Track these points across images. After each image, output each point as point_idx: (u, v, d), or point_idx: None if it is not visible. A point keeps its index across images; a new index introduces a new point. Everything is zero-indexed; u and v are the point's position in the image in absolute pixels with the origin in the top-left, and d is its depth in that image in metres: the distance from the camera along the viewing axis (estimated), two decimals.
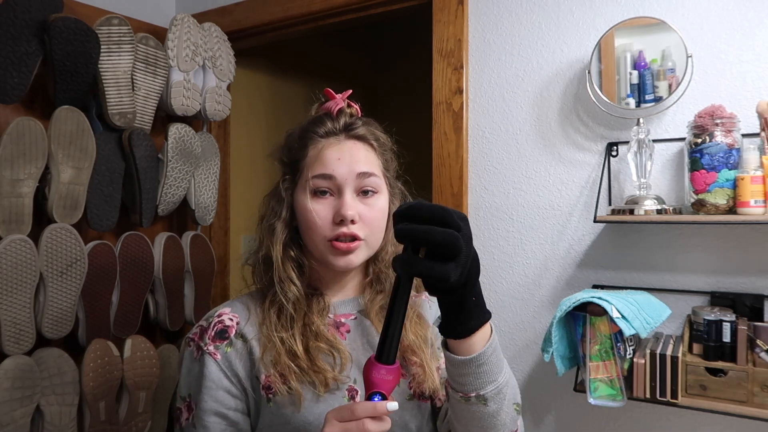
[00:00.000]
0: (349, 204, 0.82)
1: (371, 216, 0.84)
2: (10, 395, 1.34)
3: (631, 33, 1.26)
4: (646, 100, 1.24)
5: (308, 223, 0.84)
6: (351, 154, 0.85)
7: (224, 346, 0.84)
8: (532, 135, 1.42)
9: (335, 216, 0.82)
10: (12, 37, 1.35)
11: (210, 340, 0.84)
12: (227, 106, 1.84)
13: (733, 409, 1.07)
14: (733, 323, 1.10)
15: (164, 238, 1.71)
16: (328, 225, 0.83)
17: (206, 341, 0.84)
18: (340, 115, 0.89)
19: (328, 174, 0.83)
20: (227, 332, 0.85)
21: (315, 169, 0.84)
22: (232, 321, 0.86)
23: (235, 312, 0.88)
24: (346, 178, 0.83)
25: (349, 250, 0.83)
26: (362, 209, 0.84)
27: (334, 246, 0.83)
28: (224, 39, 1.83)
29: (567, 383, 1.32)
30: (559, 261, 1.38)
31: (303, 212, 0.85)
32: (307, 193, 0.84)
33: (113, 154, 1.57)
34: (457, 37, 1.50)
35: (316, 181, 0.84)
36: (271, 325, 0.85)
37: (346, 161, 0.84)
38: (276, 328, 0.84)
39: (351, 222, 0.82)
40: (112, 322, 1.58)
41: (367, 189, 0.85)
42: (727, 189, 1.11)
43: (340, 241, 0.82)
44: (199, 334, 0.85)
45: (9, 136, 1.34)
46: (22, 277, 1.36)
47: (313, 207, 0.83)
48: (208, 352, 0.83)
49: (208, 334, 0.84)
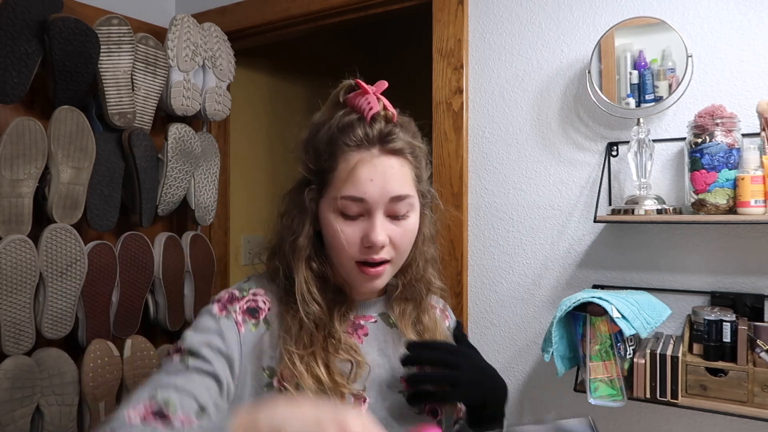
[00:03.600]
0: (378, 230, 0.76)
1: (401, 239, 0.80)
2: (10, 395, 1.33)
3: (631, 33, 1.26)
4: (646, 99, 1.23)
5: (335, 242, 0.79)
6: (384, 175, 0.77)
7: (251, 324, 0.79)
8: (532, 135, 1.42)
9: (364, 239, 0.77)
10: (12, 37, 1.35)
11: (240, 312, 0.79)
12: (227, 106, 1.84)
13: (734, 409, 1.07)
14: (733, 323, 1.10)
15: (164, 238, 1.71)
16: (356, 247, 0.78)
17: (236, 309, 0.79)
18: (375, 122, 0.78)
19: (358, 197, 0.76)
20: (258, 313, 0.81)
21: (345, 189, 0.77)
22: (265, 305, 0.82)
23: (268, 297, 0.83)
24: (377, 201, 0.76)
25: (377, 275, 0.80)
26: (392, 231, 0.79)
27: (362, 270, 0.79)
28: (224, 39, 1.83)
29: (567, 383, 1.32)
30: (559, 261, 1.38)
31: (330, 230, 0.79)
32: (336, 212, 0.78)
33: (113, 154, 1.57)
34: (457, 37, 1.50)
35: (346, 202, 0.77)
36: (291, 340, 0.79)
37: (379, 183, 0.76)
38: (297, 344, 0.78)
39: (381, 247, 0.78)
40: (112, 322, 1.58)
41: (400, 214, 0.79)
42: (728, 189, 1.11)
43: (369, 266, 0.79)
44: (228, 299, 0.81)
45: (9, 136, 1.34)
46: (21, 277, 1.35)
47: (340, 228, 0.78)
48: (235, 320, 0.78)
49: (239, 304, 0.80)
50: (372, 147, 0.77)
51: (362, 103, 0.79)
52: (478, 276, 1.49)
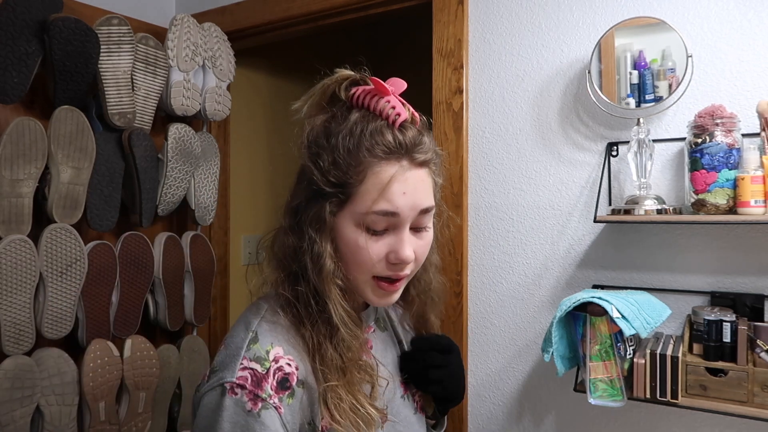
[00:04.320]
0: (407, 246, 0.73)
1: (422, 252, 0.77)
2: (10, 395, 1.33)
3: (631, 33, 1.26)
4: (646, 99, 1.23)
5: (357, 258, 0.73)
6: (416, 187, 0.72)
7: (286, 398, 0.69)
8: (532, 135, 1.42)
9: (390, 255, 0.73)
10: (12, 37, 1.35)
11: (273, 392, 0.68)
12: (227, 106, 1.84)
13: (734, 409, 1.07)
14: (733, 323, 1.10)
15: (164, 238, 1.71)
16: (381, 264, 0.73)
17: (269, 392, 0.67)
18: (404, 131, 0.72)
19: (392, 212, 0.71)
20: (289, 381, 0.70)
21: (377, 205, 0.70)
22: (291, 366, 0.71)
23: (290, 354, 0.72)
24: (408, 215, 0.72)
25: (395, 290, 0.76)
26: (416, 245, 0.75)
27: (380, 285, 0.75)
28: (224, 39, 1.83)
29: (567, 383, 1.32)
30: (559, 261, 1.38)
31: (352, 245, 0.73)
32: (360, 227, 0.72)
33: (113, 154, 1.57)
34: (457, 37, 1.50)
35: (377, 217, 0.71)
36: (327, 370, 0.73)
37: (411, 197, 0.71)
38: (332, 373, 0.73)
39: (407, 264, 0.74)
40: (112, 322, 1.58)
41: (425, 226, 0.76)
42: (728, 189, 1.11)
43: (387, 281, 0.75)
44: (254, 382, 0.68)
45: (9, 136, 1.33)
46: (21, 277, 1.35)
47: (368, 245, 0.72)
48: (275, 406, 0.67)
49: (269, 384, 0.68)
50: (402, 159, 0.71)
51: (386, 108, 0.72)
52: (478, 276, 1.49)
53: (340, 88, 0.76)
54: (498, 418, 1.46)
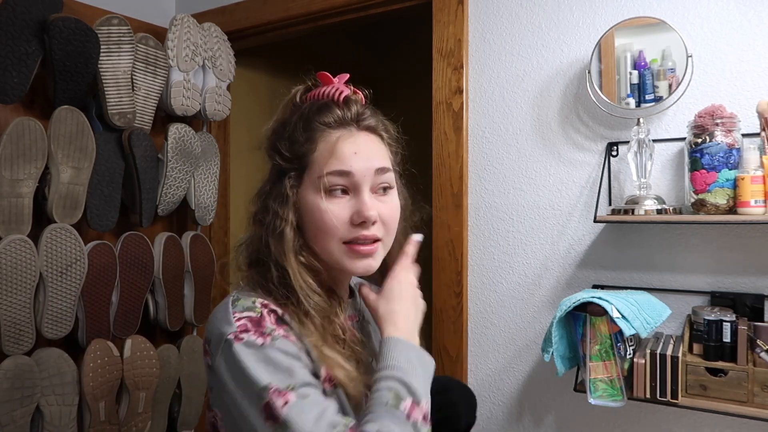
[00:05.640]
0: (369, 204, 0.77)
1: (389, 215, 0.80)
2: (10, 395, 1.33)
3: (631, 33, 1.26)
4: (646, 99, 1.23)
5: (322, 224, 0.77)
6: (367, 147, 0.79)
7: (288, 330, 0.74)
8: (532, 135, 1.42)
9: (354, 217, 0.76)
10: (12, 37, 1.35)
11: (275, 326, 0.72)
12: (227, 106, 1.84)
13: (734, 409, 1.07)
14: (733, 323, 1.10)
15: (164, 238, 1.71)
16: (345, 227, 0.77)
17: (272, 327, 0.72)
18: (349, 104, 0.81)
19: (345, 170, 0.76)
20: (285, 318, 0.75)
21: (330, 165, 0.76)
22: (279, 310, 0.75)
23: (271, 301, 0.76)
24: (364, 174, 0.77)
25: (370, 253, 0.78)
26: (381, 208, 0.79)
27: (353, 249, 0.77)
28: (224, 39, 1.83)
29: (567, 383, 1.32)
30: (559, 261, 1.38)
31: (315, 213, 0.77)
32: (319, 192, 0.77)
33: (113, 154, 1.57)
34: (457, 37, 1.50)
35: (332, 178, 0.76)
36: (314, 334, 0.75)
37: (363, 156, 0.77)
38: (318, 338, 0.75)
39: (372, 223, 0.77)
40: (112, 322, 1.58)
41: (385, 186, 0.80)
42: (728, 189, 1.11)
43: (360, 244, 0.77)
44: (254, 324, 0.72)
45: (9, 136, 1.33)
46: (21, 277, 1.35)
47: (328, 207, 0.76)
48: (282, 335, 0.71)
49: (268, 321, 0.72)
50: (349, 125, 0.80)
51: (330, 91, 0.82)
52: (478, 276, 1.49)
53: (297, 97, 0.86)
54: (498, 418, 1.46)
